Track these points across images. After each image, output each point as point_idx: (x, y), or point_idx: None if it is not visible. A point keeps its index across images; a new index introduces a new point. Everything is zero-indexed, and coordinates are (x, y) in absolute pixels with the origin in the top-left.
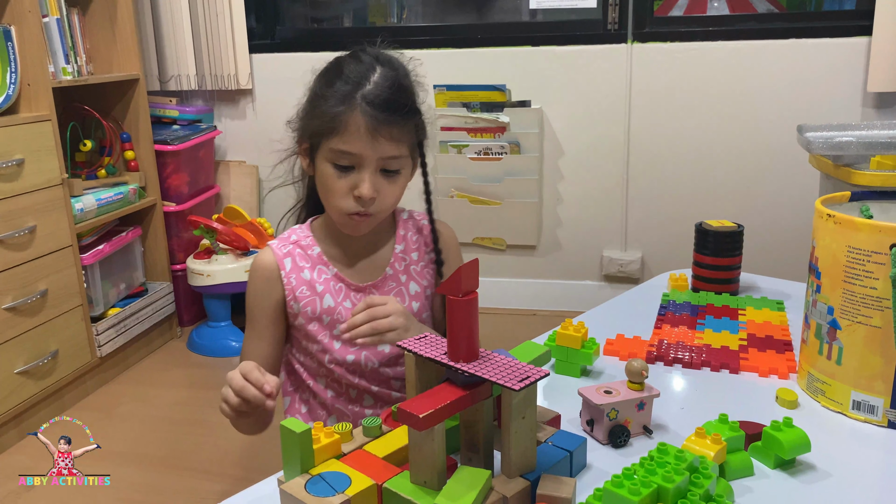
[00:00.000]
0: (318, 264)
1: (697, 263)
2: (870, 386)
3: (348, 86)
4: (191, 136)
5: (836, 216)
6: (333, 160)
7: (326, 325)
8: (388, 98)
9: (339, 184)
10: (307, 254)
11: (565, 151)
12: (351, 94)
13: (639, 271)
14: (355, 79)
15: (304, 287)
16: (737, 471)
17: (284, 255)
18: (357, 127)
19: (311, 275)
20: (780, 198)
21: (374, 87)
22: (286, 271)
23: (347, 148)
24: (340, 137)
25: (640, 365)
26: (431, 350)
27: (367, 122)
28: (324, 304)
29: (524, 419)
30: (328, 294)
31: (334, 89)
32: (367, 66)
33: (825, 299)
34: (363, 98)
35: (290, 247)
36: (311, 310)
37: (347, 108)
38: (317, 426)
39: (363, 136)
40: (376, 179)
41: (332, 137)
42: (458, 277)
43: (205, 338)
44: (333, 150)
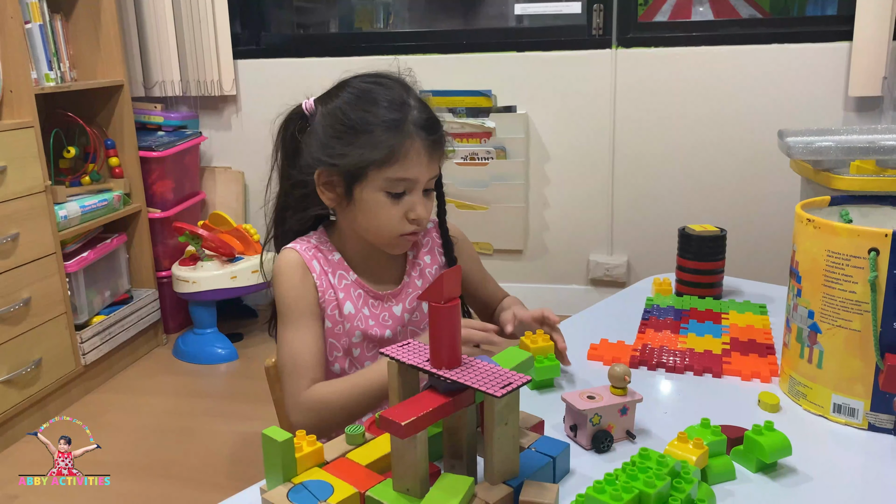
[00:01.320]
0: (339, 269)
1: (681, 268)
2: (850, 389)
3: (396, 113)
4: (176, 142)
5: (816, 221)
6: (388, 188)
7: (346, 332)
8: (434, 119)
9: (393, 210)
10: (328, 258)
11: (551, 156)
12: (402, 121)
13: (625, 275)
14: (398, 105)
15: (330, 290)
16: (718, 475)
17: (311, 258)
18: (417, 153)
19: (333, 280)
20: (763, 202)
21: (419, 112)
22: (316, 273)
23: (407, 175)
24: (400, 165)
25: (623, 370)
26: (414, 357)
27: (425, 147)
28: (344, 310)
29: (507, 425)
30: (349, 301)
31: (380, 119)
32: (398, 91)
33: (806, 303)
34: (415, 124)
35: (313, 250)
36: (337, 314)
37: (403, 137)
38: (299, 434)
39: (422, 161)
40: (424, 200)
41: (388, 167)
42: (439, 284)
43: (191, 345)
44: (390, 178)
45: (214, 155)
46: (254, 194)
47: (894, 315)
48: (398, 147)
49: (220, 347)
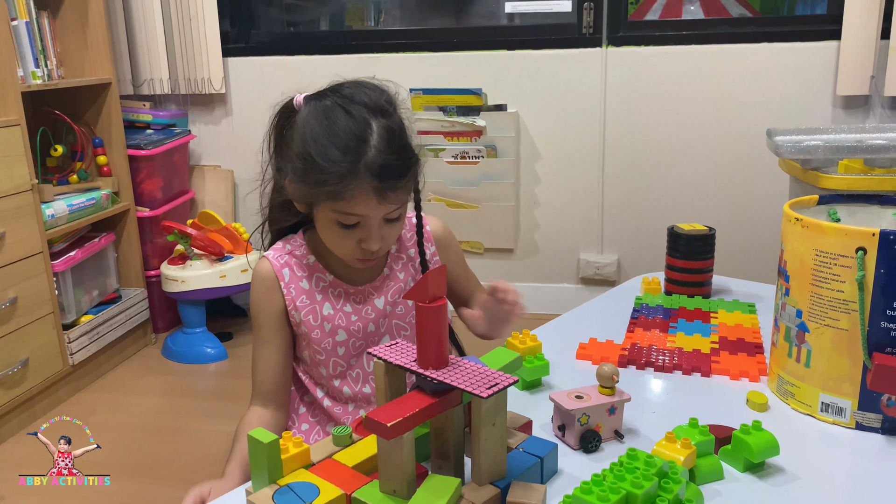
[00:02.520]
0: (315, 272)
1: (670, 267)
2: (838, 388)
3: (349, 156)
4: (164, 140)
5: (804, 220)
6: (338, 220)
7: (329, 332)
8: (391, 165)
9: (345, 240)
10: (303, 263)
11: (542, 155)
12: (353, 165)
13: (615, 273)
14: (354, 146)
15: (303, 296)
16: (706, 475)
17: (282, 266)
18: (365, 196)
19: (309, 284)
20: (752, 200)
21: (376, 155)
22: (285, 282)
23: (355, 212)
24: (346, 204)
25: (611, 369)
26: (401, 357)
27: (375, 190)
28: (324, 311)
29: (494, 426)
30: (327, 302)
31: (332, 159)
32: (362, 125)
33: (794, 302)
34: (367, 169)
35: (287, 257)
36: (313, 318)
37: (352, 180)
38: (285, 436)
39: (371, 202)
40: (381, 230)
41: (336, 203)
42: (424, 284)
43: (180, 344)
44: (339, 211)
45: (204, 153)
46: (243, 193)
47: (882, 314)
48: (344, 191)
49: (209, 347)
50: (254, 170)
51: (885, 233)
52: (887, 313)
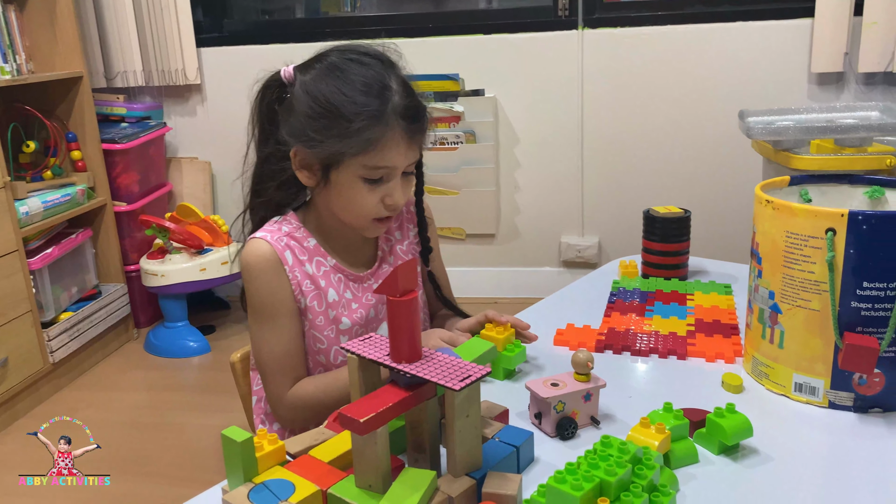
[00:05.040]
0: (316, 256)
1: (646, 250)
2: (811, 368)
3: (376, 101)
4: (140, 133)
5: (775, 202)
6: (365, 175)
7: (332, 319)
8: (416, 106)
9: (369, 196)
10: (303, 246)
11: (521, 139)
12: (381, 110)
13: (596, 256)
14: (379, 91)
15: (308, 281)
16: (681, 459)
17: (283, 248)
18: (396, 143)
19: (311, 268)
20: (728, 181)
21: (401, 99)
22: (289, 265)
23: (385, 163)
24: (378, 154)
25: (586, 356)
26: (374, 351)
27: (405, 135)
28: (329, 297)
29: (468, 417)
30: (331, 288)
31: (361, 106)
32: (379, 73)
33: (766, 284)
34: (396, 113)
35: (286, 239)
36: (318, 304)
37: (383, 126)
38: (260, 433)
39: (401, 149)
40: (402, 184)
41: (364, 155)
42: (394, 278)
43: (162, 339)
44: (368, 166)
45: (180, 145)
46: (221, 184)
47: (852, 294)
48: (376, 137)
49: (191, 340)
50: (232, 160)
51: (854, 213)
52: (857, 293)
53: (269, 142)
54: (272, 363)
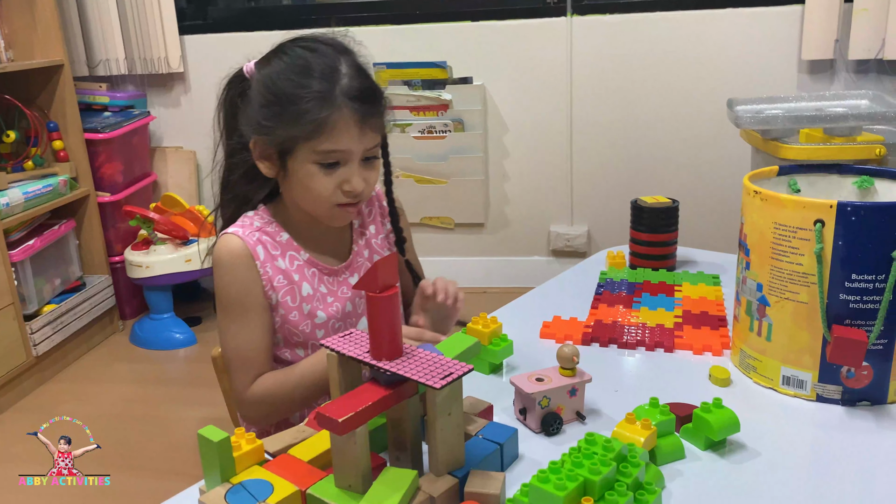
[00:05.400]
0: (289, 250)
1: (634, 240)
2: (798, 361)
3: (324, 83)
4: (123, 122)
5: (763, 192)
6: (318, 160)
7: (307, 314)
8: (366, 87)
9: (325, 182)
10: (275, 241)
11: (509, 128)
12: (330, 92)
13: (585, 245)
14: (327, 73)
15: (280, 276)
16: (668, 454)
17: (255, 244)
18: (346, 125)
19: (284, 263)
20: (718, 170)
21: (350, 80)
22: (260, 260)
23: (336, 147)
24: (328, 138)
25: (571, 350)
26: (354, 348)
27: (355, 117)
28: (303, 292)
29: (450, 416)
30: (305, 282)
31: (307, 89)
32: (329, 58)
33: (754, 276)
34: (344, 94)
35: (258, 234)
36: (291, 299)
37: (331, 108)
38: (238, 432)
39: (352, 132)
40: (361, 170)
41: (315, 139)
42: (374, 273)
43: (147, 331)
44: (319, 151)
45: (164, 135)
46: (207, 174)
47: (840, 286)
48: (325, 119)
49: (177, 332)
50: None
51: (843, 204)
52: (846, 285)
53: (233, 136)
54: (236, 359)
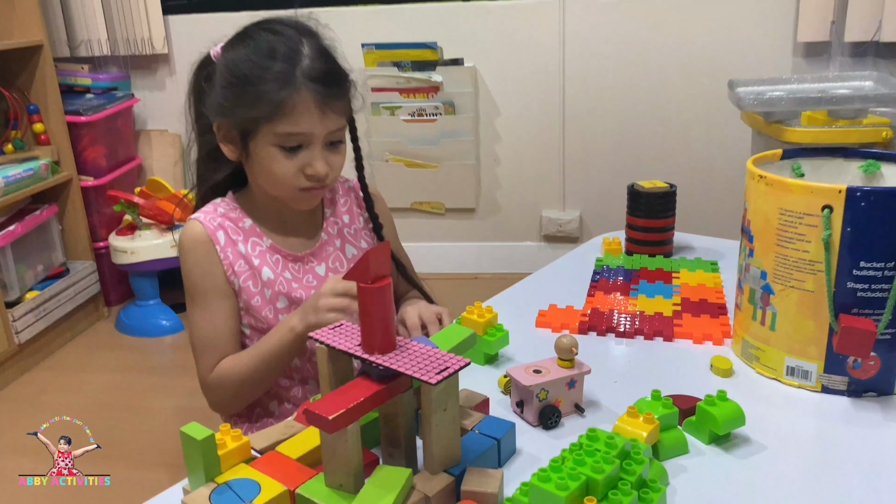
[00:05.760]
0: (252, 236)
1: (630, 226)
2: (803, 351)
3: (284, 64)
4: (106, 105)
5: (768, 177)
6: (280, 143)
7: (269, 299)
8: (328, 70)
9: (287, 165)
10: (238, 226)
11: (501, 111)
12: (290, 73)
13: (577, 230)
14: (288, 55)
15: (241, 261)
16: (670, 449)
17: (215, 229)
18: (306, 107)
19: (245, 248)
20: (714, 154)
21: (311, 62)
22: (221, 245)
23: (296, 129)
24: (288, 120)
25: (569, 341)
26: (345, 341)
27: (315, 99)
28: (263, 276)
29: (446, 411)
30: (266, 266)
31: (267, 70)
32: (293, 40)
33: (758, 263)
34: (305, 75)
35: (220, 219)
36: (252, 283)
37: (291, 90)
38: (223, 429)
39: (313, 115)
40: (325, 154)
41: (276, 121)
42: (366, 262)
43: (133, 318)
44: (279, 133)
45: (149, 117)
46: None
47: (848, 274)
48: (284, 101)
49: (164, 319)
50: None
51: (853, 189)
52: (854, 273)
53: (202, 119)
54: (199, 344)
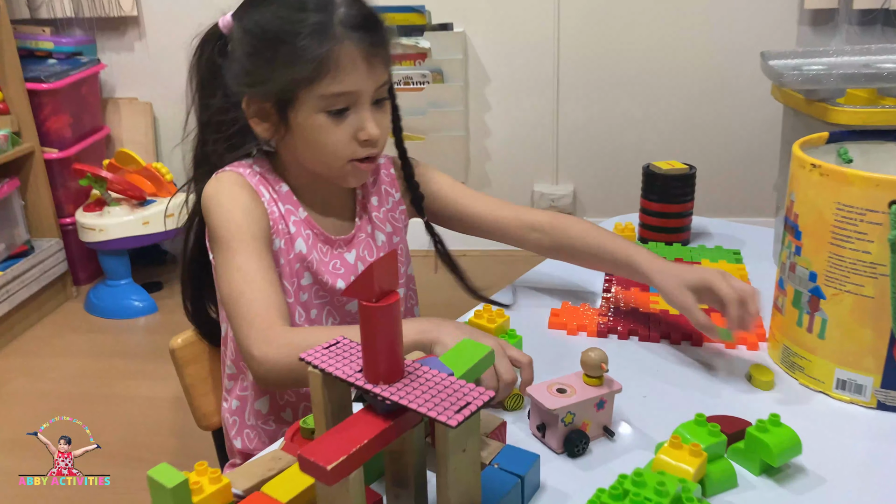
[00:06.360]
0: (288, 204)
1: (645, 210)
2: (857, 363)
3: (319, 14)
4: (70, 71)
5: (823, 167)
6: (325, 108)
7: (297, 272)
8: (368, 15)
9: (338, 133)
10: (275, 189)
11: (491, 79)
12: (328, 23)
13: (571, 205)
14: (321, 4)
15: (282, 222)
16: (718, 484)
17: (258, 183)
18: (351, 60)
19: (283, 211)
20: (727, 129)
21: (348, 9)
22: (265, 199)
23: (344, 88)
24: (333, 78)
25: (599, 356)
26: (343, 364)
27: (361, 50)
28: (296, 248)
29: (465, 452)
30: (300, 238)
31: (301, 24)
32: None
33: (807, 263)
34: (345, 25)
35: (258, 176)
36: (287, 250)
37: (332, 42)
38: (198, 468)
39: (360, 68)
40: (374, 114)
41: (319, 82)
42: (369, 276)
43: (104, 298)
44: (325, 95)
45: (118, 85)
46: (165, 128)
47: None
48: (326, 56)
49: (136, 300)
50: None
51: None
52: None
53: (211, 102)
54: (251, 294)
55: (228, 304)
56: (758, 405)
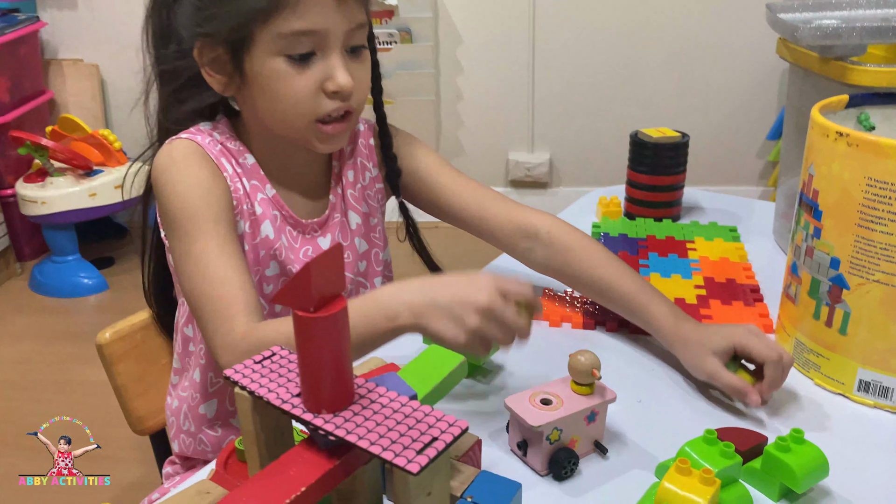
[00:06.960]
0: (254, 178)
1: (632, 182)
2: (884, 362)
3: None
4: (5, 29)
5: (852, 135)
6: (286, 50)
7: (261, 260)
8: None
9: (300, 82)
10: (238, 161)
11: (464, 40)
12: None
13: (547, 175)
14: None
15: (247, 202)
16: None
17: (218, 154)
18: None
19: (248, 188)
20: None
21: None
22: (228, 174)
23: (307, 25)
24: (293, 11)
25: (589, 361)
26: (277, 387)
27: None
28: (262, 232)
29: (430, 496)
30: (267, 220)
31: None
32: None
33: (828, 248)
34: None
35: (219, 146)
36: (250, 234)
37: None
38: None
39: (327, 3)
40: (347, 62)
41: (277, 17)
42: (305, 278)
43: (50, 275)
44: (284, 34)
45: (60, 45)
46: (114, 93)
47: None
48: None
49: (85, 277)
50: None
51: None
52: None
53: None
54: (212, 290)
55: (189, 300)
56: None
